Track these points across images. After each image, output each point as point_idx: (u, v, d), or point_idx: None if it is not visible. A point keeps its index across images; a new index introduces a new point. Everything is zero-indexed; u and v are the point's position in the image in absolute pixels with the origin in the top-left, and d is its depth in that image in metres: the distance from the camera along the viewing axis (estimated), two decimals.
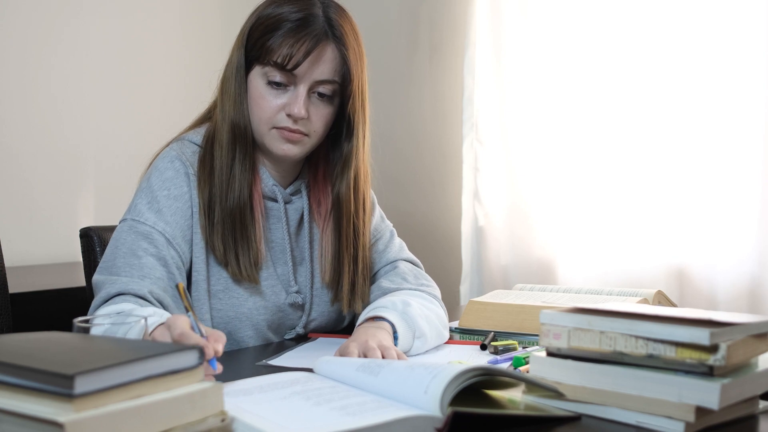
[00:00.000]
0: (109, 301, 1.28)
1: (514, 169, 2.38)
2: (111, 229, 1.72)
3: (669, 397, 0.87)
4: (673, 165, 2.07)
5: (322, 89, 1.37)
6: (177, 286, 1.24)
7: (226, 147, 1.38)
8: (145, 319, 1.05)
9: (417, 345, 1.33)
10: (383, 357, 1.18)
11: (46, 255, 2.57)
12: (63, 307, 1.95)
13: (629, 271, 2.12)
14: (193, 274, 1.38)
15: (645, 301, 1.49)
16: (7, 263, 1.61)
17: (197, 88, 2.98)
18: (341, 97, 1.40)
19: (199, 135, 1.44)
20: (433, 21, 2.67)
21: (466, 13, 2.47)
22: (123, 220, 1.39)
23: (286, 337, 1.47)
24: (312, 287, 1.47)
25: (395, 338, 1.31)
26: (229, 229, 1.37)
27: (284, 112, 1.36)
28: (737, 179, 1.97)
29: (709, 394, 0.85)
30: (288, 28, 1.34)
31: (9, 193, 2.50)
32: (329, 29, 1.36)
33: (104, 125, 2.72)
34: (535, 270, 2.32)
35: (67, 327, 0.95)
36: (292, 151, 1.38)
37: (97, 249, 1.67)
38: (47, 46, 2.59)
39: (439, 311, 1.44)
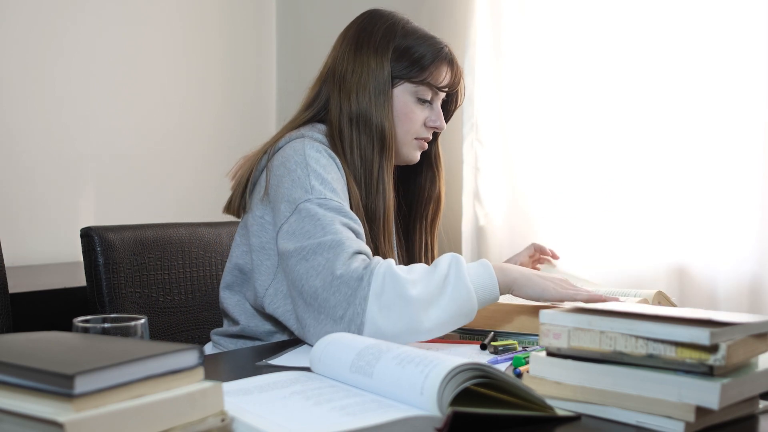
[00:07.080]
0: (360, 255, 1.33)
1: (514, 169, 2.37)
2: (111, 229, 1.70)
3: (669, 397, 0.87)
4: (674, 165, 2.07)
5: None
6: None
7: (372, 153, 1.50)
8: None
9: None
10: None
11: (46, 255, 2.57)
12: (63, 307, 1.95)
13: (629, 271, 2.12)
14: None
15: (645, 301, 1.49)
16: (7, 263, 1.60)
17: (197, 88, 3.01)
18: None
19: (317, 134, 1.50)
20: (433, 21, 2.67)
21: (466, 13, 2.46)
22: (307, 200, 1.37)
23: None
24: None
25: None
26: (378, 229, 1.49)
27: (425, 124, 1.58)
28: (737, 179, 1.96)
29: (709, 394, 0.85)
30: (442, 57, 1.55)
31: (9, 193, 2.50)
32: (454, 58, 1.59)
33: (104, 125, 2.72)
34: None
35: (67, 327, 0.94)
36: (419, 156, 1.62)
37: (98, 249, 1.63)
38: (48, 46, 2.59)
39: None
